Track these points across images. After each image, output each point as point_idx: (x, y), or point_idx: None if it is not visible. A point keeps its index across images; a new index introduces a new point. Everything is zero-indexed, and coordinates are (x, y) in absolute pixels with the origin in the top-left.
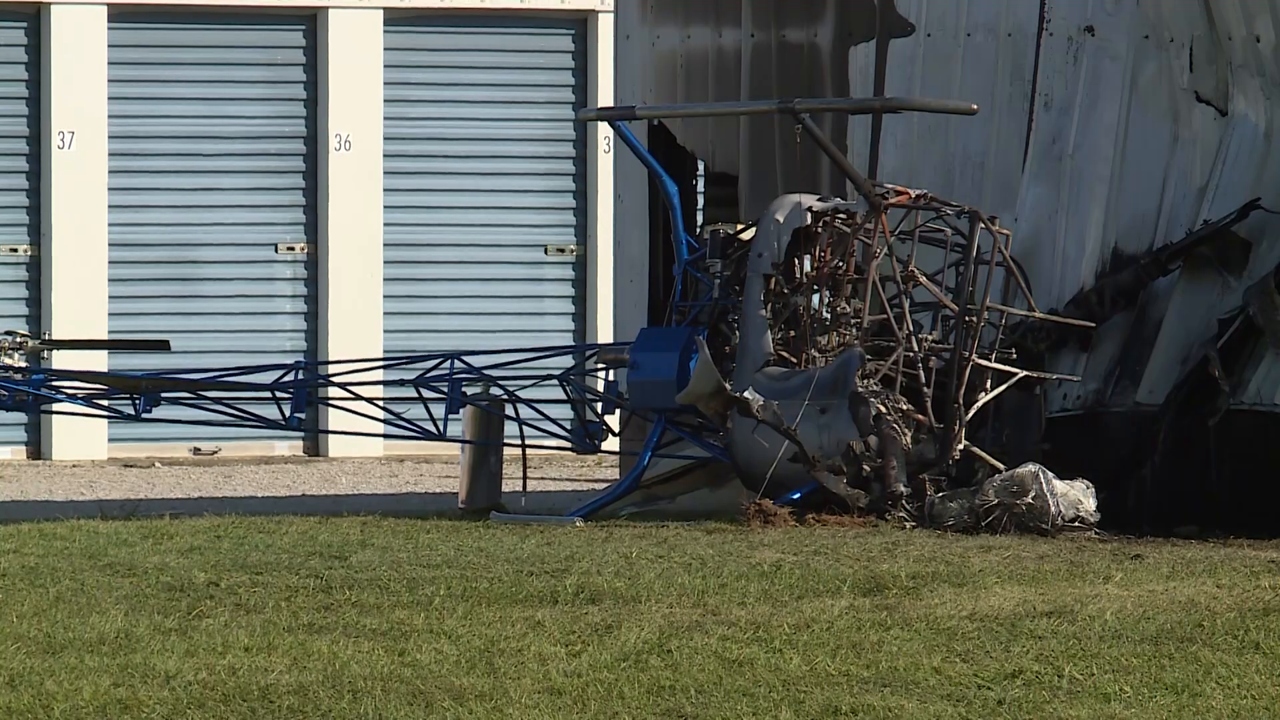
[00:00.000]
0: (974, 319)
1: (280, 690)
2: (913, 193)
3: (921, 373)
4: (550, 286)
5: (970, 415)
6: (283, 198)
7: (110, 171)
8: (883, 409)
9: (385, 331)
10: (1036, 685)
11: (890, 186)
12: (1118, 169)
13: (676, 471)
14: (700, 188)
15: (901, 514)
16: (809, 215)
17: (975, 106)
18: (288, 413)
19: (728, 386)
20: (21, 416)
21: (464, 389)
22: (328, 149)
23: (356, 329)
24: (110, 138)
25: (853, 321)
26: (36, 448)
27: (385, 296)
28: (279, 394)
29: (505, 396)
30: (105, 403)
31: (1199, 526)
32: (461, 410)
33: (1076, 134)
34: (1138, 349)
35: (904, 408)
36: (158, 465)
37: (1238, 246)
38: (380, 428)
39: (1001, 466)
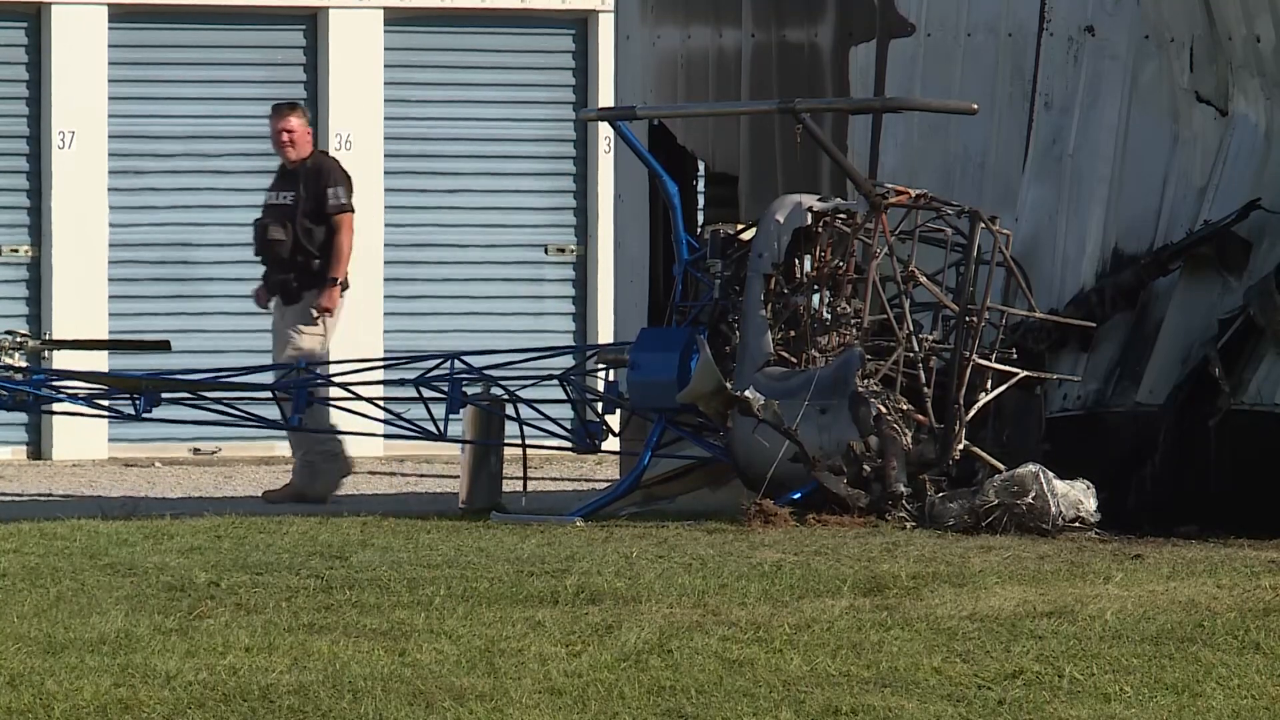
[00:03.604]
0: (974, 319)
1: (280, 690)
2: (913, 193)
3: (922, 373)
4: (550, 286)
5: (971, 415)
6: None
7: (110, 171)
8: (883, 409)
9: (385, 331)
10: (1037, 685)
11: (890, 186)
12: (1118, 169)
13: (676, 471)
14: (701, 188)
15: (902, 514)
16: (809, 215)
17: (975, 106)
18: (288, 413)
19: (728, 386)
20: (21, 416)
21: (464, 389)
22: (328, 149)
23: (356, 329)
24: (110, 138)
25: (853, 321)
26: (36, 448)
27: (385, 296)
28: (279, 394)
29: (505, 396)
30: (105, 403)
31: (1199, 526)
32: (462, 410)
33: (1077, 134)
34: (1138, 349)
35: (904, 408)
36: (158, 465)
37: (1238, 246)
38: (380, 428)
39: (1002, 466)
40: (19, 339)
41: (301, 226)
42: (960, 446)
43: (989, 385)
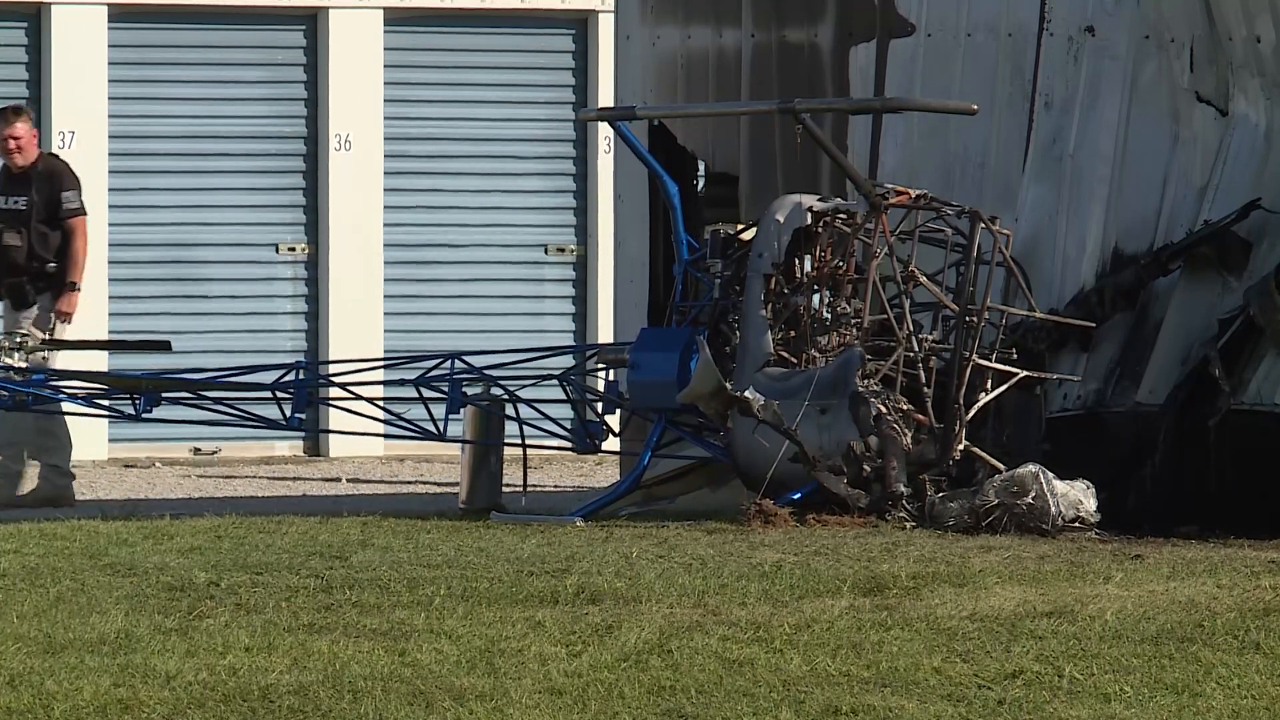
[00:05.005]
0: (974, 319)
1: (280, 690)
2: (913, 193)
3: (922, 373)
4: (550, 286)
5: (971, 415)
6: (283, 198)
7: (110, 171)
8: (883, 409)
9: (385, 331)
10: (1037, 685)
11: (890, 186)
12: (1118, 169)
13: (676, 471)
14: (701, 188)
15: (902, 514)
16: (809, 215)
17: (975, 106)
18: (288, 413)
19: (728, 386)
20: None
21: (464, 389)
22: (328, 149)
23: (356, 329)
24: (110, 138)
25: (853, 321)
26: None
27: (385, 296)
28: (279, 394)
29: (505, 396)
30: (105, 403)
31: (1199, 526)
32: (462, 410)
33: (1077, 134)
34: (1138, 349)
35: (904, 408)
36: (158, 465)
37: (1238, 246)
38: (380, 428)
39: (1002, 466)
40: (19, 339)
41: (36, 231)
42: (960, 446)
43: (989, 385)
